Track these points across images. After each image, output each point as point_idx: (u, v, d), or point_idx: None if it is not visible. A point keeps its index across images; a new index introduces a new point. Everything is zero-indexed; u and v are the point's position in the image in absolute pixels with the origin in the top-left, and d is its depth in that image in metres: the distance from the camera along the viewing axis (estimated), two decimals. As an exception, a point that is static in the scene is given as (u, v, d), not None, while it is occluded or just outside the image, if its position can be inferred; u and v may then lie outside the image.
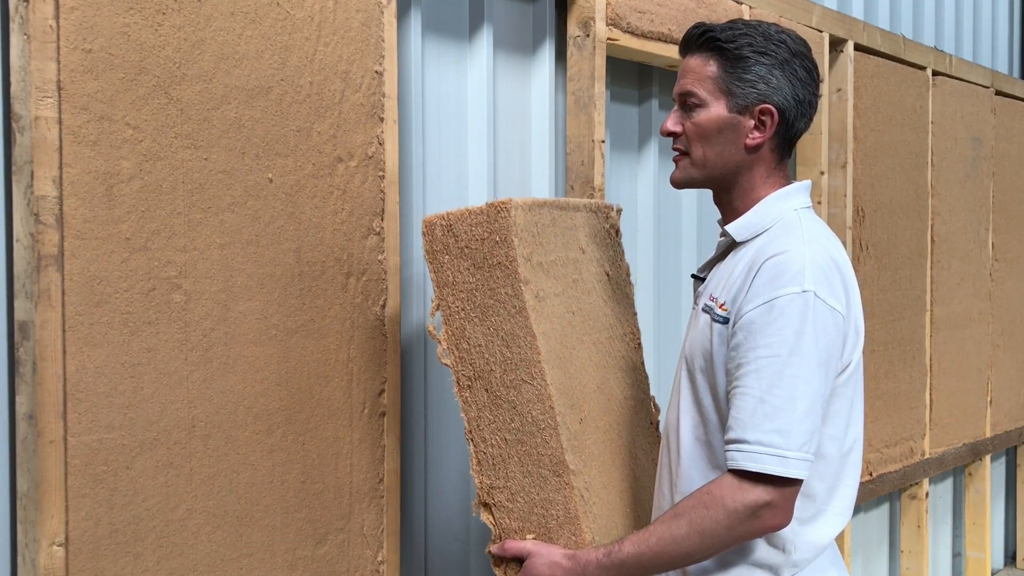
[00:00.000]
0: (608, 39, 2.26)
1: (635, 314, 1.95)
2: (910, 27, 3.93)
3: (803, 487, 1.53)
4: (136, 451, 1.49)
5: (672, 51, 2.44)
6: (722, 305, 1.53)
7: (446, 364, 1.58)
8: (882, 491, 3.23)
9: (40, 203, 1.38)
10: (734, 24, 1.58)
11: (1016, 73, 4.88)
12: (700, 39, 1.58)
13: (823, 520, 1.56)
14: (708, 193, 2.96)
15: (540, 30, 2.30)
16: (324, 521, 1.75)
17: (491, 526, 1.56)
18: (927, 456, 3.48)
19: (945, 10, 4.19)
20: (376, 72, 1.81)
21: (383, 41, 1.82)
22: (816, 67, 1.59)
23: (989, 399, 3.88)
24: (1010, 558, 4.62)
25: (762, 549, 1.54)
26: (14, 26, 1.38)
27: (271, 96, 1.65)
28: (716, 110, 1.56)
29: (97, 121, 1.43)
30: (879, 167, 3.20)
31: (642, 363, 1.94)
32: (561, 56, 2.31)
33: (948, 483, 4.09)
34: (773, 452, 1.42)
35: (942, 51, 3.59)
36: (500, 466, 1.55)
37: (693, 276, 1.71)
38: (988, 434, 3.88)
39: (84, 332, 1.43)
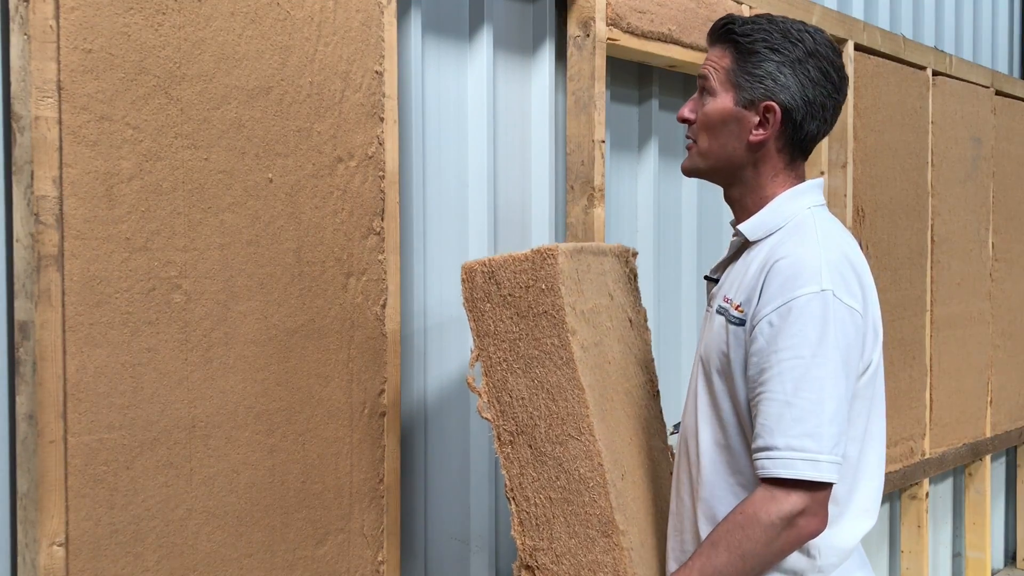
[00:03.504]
0: (608, 39, 2.26)
1: (653, 360, 1.90)
2: (910, 27, 3.93)
3: None
4: (136, 451, 1.49)
5: (672, 51, 2.44)
6: (737, 307, 1.51)
7: (486, 418, 1.52)
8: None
9: (40, 203, 1.38)
10: (758, 18, 1.57)
11: (1016, 73, 4.88)
12: (721, 30, 1.57)
13: (845, 522, 1.53)
14: (708, 193, 2.97)
15: (540, 30, 2.30)
16: (324, 521, 1.75)
17: None
18: (927, 456, 3.48)
19: (945, 10, 4.19)
20: (376, 72, 1.81)
21: (383, 41, 1.82)
22: (838, 70, 1.55)
23: (989, 399, 3.88)
24: (1010, 558, 4.61)
25: (787, 556, 1.52)
26: (14, 26, 1.38)
27: (271, 96, 1.65)
28: (723, 102, 1.56)
29: (97, 121, 1.43)
30: (879, 167, 3.20)
31: (660, 412, 1.89)
32: (561, 56, 2.31)
33: (948, 483, 4.09)
34: (805, 456, 1.39)
35: (942, 51, 3.59)
36: (544, 527, 1.48)
37: (706, 278, 1.69)
38: (988, 434, 3.88)
39: (84, 332, 1.43)
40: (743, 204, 1.60)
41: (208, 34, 1.56)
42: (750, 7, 2.68)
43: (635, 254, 1.93)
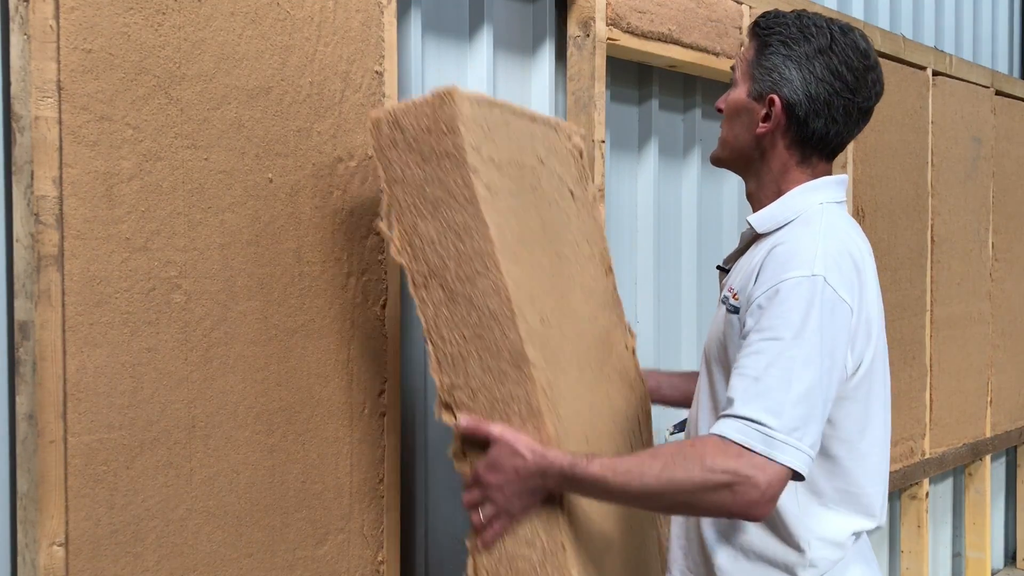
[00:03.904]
0: (608, 39, 2.26)
1: (605, 239, 1.91)
2: (910, 27, 3.93)
3: (808, 482, 1.49)
4: (136, 451, 1.49)
5: (672, 51, 2.44)
6: (735, 295, 1.52)
7: (400, 263, 1.53)
8: (882, 491, 3.23)
9: (40, 203, 1.38)
10: (783, 13, 1.58)
11: (1016, 73, 4.88)
12: (752, 24, 1.60)
13: (833, 516, 1.52)
14: (708, 194, 2.97)
15: (540, 30, 2.30)
16: (324, 521, 1.75)
17: (453, 428, 1.51)
18: (927, 456, 3.48)
19: (945, 10, 4.19)
20: (376, 72, 1.81)
21: (383, 41, 1.82)
22: (854, 70, 1.53)
23: (989, 399, 3.88)
24: (1010, 558, 4.61)
25: (775, 547, 1.52)
26: (14, 26, 1.38)
27: (271, 96, 1.65)
28: (739, 92, 1.59)
29: (97, 121, 1.43)
30: (879, 167, 3.20)
31: (614, 288, 1.90)
32: (561, 56, 2.31)
33: (948, 483, 4.09)
34: (760, 430, 1.35)
35: (942, 51, 3.59)
36: (460, 364, 1.49)
37: (718, 268, 1.70)
38: (988, 434, 3.88)
39: (84, 332, 1.43)
40: (757, 197, 1.61)
41: (208, 34, 1.56)
42: (750, 7, 2.68)
43: (583, 135, 1.93)
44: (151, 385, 1.50)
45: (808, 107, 1.52)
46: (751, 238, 1.60)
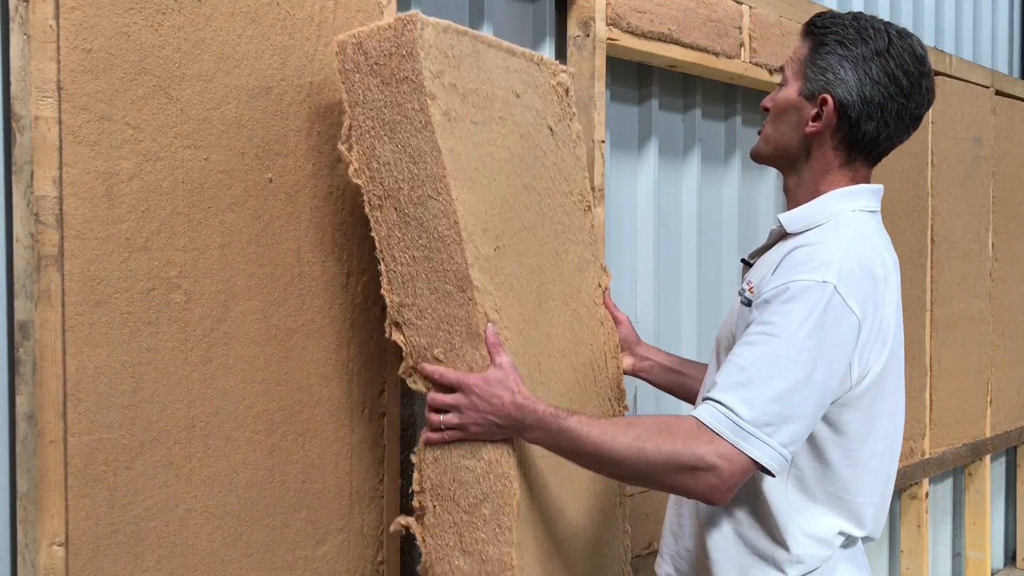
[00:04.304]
0: (608, 39, 2.26)
1: (587, 179, 1.93)
2: (910, 27, 3.93)
3: (797, 476, 1.51)
4: (136, 451, 1.49)
5: (672, 51, 2.44)
6: (751, 288, 1.53)
7: (358, 183, 1.56)
8: (882, 491, 3.23)
9: (40, 203, 1.38)
10: (840, 14, 1.58)
11: (1016, 73, 4.88)
12: (808, 23, 1.59)
13: (818, 514, 1.53)
14: (708, 194, 2.97)
15: (540, 30, 2.30)
16: (324, 521, 1.75)
17: (402, 345, 1.54)
18: (927, 456, 3.48)
19: (945, 10, 4.19)
20: (376, 72, 1.81)
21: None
22: (909, 74, 1.53)
23: (989, 399, 3.88)
24: (1010, 558, 4.62)
25: (764, 541, 1.53)
26: (14, 26, 1.38)
27: (271, 96, 1.65)
28: (790, 91, 1.58)
29: (97, 121, 1.43)
30: (879, 167, 3.19)
31: (592, 226, 1.92)
32: (561, 56, 2.31)
33: (948, 483, 4.09)
34: (731, 418, 1.37)
35: (942, 51, 3.60)
36: (409, 284, 1.53)
37: (743, 261, 1.71)
38: (988, 434, 3.88)
39: (84, 332, 1.43)
40: (795, 195, 1.61)
41: (208, 34, 1.56)
42: (750, 7, 2.68)
43: (572, 73, 1.95)
44: (151, 385, 1.50)
45: (861, 109, 1.52)
46: (779, 236, 1.60)
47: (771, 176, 3.08)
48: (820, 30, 1.56)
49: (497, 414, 1.48)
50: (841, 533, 1.55)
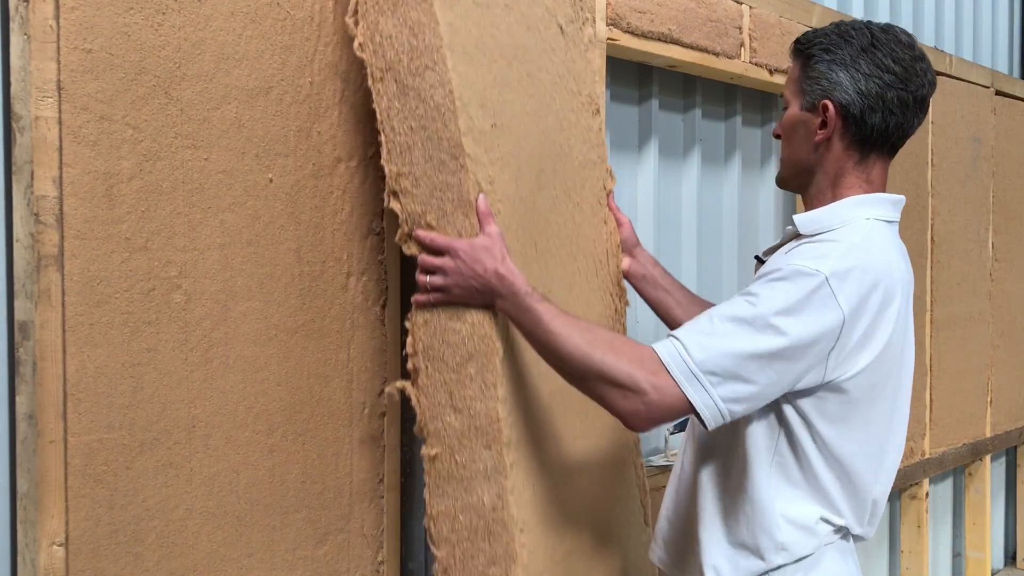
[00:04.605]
0: (608, 39, 2.26)
1: (598, 84, 1.97)
2: (910, 27, 3.93)
3: (779, 463, 1.55)
4: (136, 451, 1.49)
5: (672, 51, 2.44)
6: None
7: (363, 57, 1.60)
8: (882, 491, 3.23)
9: (40, 203, 1.38)
10: (823, 27, 1.62)
11: (1016, 73, 4.88)
12: (792, 45, 1.65)
13: (798, 501, 1.56)
14: (708, 194, 2.97)
15: (540, 30, 2.30)
16: (324, 521, 1.75)
17: (398, 212, 1.59)
18: (927, 456, 3.48)
19: (945, 10, 4.19)
20: (376, 72, 1.81)
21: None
22: (900, 61, 1.56)
23: (989, 399, 3.88)
24: (1010, 558, 4.62)
25: (748, 529, 1.57)
26: (14, 26, 1.38)
27: (271, 96, 1.65)
28: (793, 109, 1.62)
29: (97, 121, 1.43)
30: (879, 167, 3.19)
31: (600, 129, 1.97)
32: (561, 56, 2.31)
33: (948, 483, 4.09)
34: (683, 355, 1.43)
35: (942, 51, 3.60)
36: (406, 153, 1.57)
37: (756, 257, 1.74)
38: (988, 434, 3.88)
39: (84, 332, 1.43)
40: (812, 202, 1.64)
41: (208, 34, 1.56)
42: (750, 7, 2.68)
43: None
44: (151, 385, 1.50)
45: (862, 104, 1.55)
46: (792, 236, 1.63)
47: (771, 176, 3.08)
48: (805, 46, 1.61)
49: (478, 279, 1.52)
50: (824, 520, 1.58)
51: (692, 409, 1.43)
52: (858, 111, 1.55)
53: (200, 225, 1.56)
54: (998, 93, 3.94)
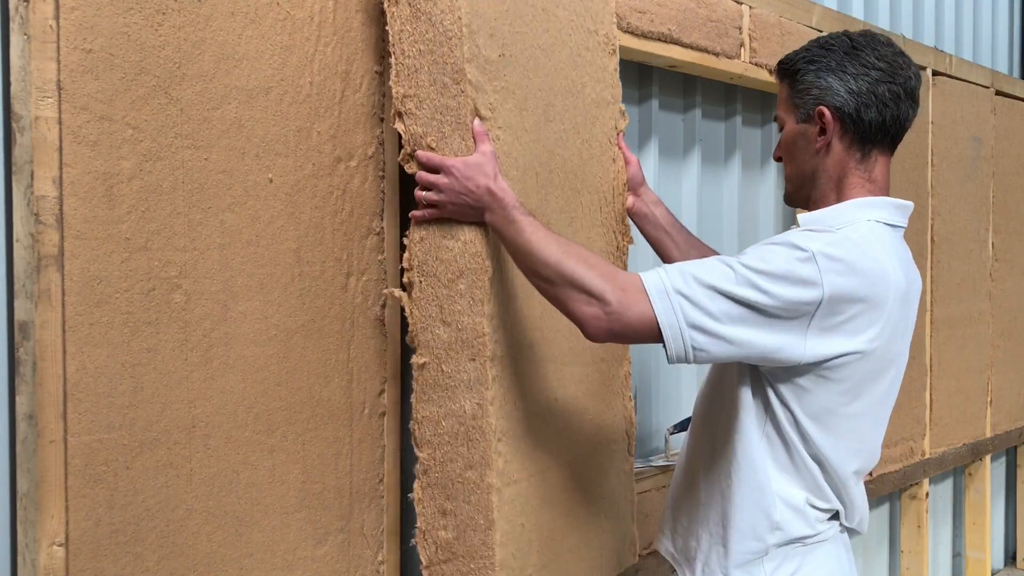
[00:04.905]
0: (608, 39, 2.25)
1: (615, 24, 2.04)
2: (910, 27, 3.93)
3: (769, 446, 1.59)
4: (136, 451, 1.49)
5: (672, 51, 2.44)
6: None
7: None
8: (882, 491, 3.23)
9: (40, 203, 1.38)
10: (806, 44, 1.66)
11: (1016, 73, 4.88)
12: (776, 67, 1.70)
13: (788, 482, 1.61)
14: (708, 194, 2.97)
15: (540, 30, 2.30)
16: (324, 521, 1.75)
17: (402, 133, 1.63)
18: (927, 456, 3.48)
19: (945, 10, 4.19)
20: (376, 72, 1.81)
21: (383, 41, 1.82)
22: (883, 57, 1.60)
23: (989, 399, 3.88)
24: (1010, 558, 4.62)
25: (741, 513, 1.61)
26: (14, 26, 1.38)
27: (271, 96, 1.65)
28: (789, 125, 1.66)
29: (97, 121, 1.43)
30: (879, 167, 3.19)
31: (615, 69, 2.02)
32: (561, 56, 2.31)
33: (948, 483, 4.09)
34: (660, 275, 1.47)
35: (942, 51, 3.60)
36: (413, 76, 1.62)
37: None
38: (988, 434, 3.88)
39: (84, 332, 1.43)
40: (814, 198, 1.66)
41: (208, 34, 1.56)
42: (750, 7, 2.68)
43: None
44: (151, 385, 1.50)
45: (856, 102, 1.58)
46: None
47: (771, 176, 3.08)
48: (789, 64, 1.66)
49: (471, 195, 1.57)
50: (811, 505, 1.62)
51: (656, 329, 1.46)
52: (853, 110, 1.58)
53: (200, 225, 1.56)
54: (998, 93, 3.94)
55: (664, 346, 1.47)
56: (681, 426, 2.49)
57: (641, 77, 2.64)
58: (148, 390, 1.50)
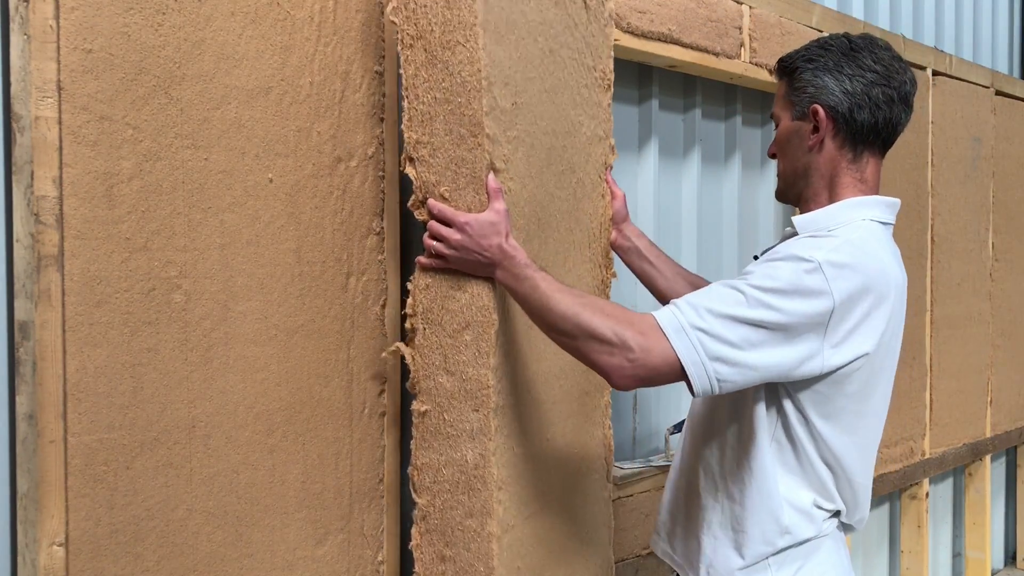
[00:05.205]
0: (608, 39, 2.26)
1: (612, 59, 2.04)
2: (910, 27, 3.93)
3: (777, 449, 1.60)
4: (136, 451, 1.49)
5: (672, 51, 2.44)
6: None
7: (394, 21, 1.63)
8: (882, 491, 3.23)
9: (40, 203, 1.38)
10: (806, 44, 1.68)
11: (1016, 73, 4.88)
12: (776, 65, 1.72)
13: (798, 487, 1.62)
14: (708, 194, 2.97)
15: (540, 30, 2.30)
16: (324, 521, 1.75)
17: (413, 179, 1.63)
18: (927, 456, 3.48)
19: (945, 10, 4.19)
20: (376, 72, 1.81)
21: (383, 41, 1.82)
22: (880, 60, 1.62)
23: (989, 399, 3.88)
24: (1010, 558, 4.62)
25: (749, 517, 1.62)
26: (14, 26, 1.38)
27: (271, 96, 1.65)
28: (784, 122, 1.68)
29: (97, 121, 1.43)
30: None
31: (608, 105, 2.03)
32: (561, 56, 2.31)
33: (948, 483, 4.09)
34: (674, 312, 1.47)
35: (942, 51, 3.60)
36: (428, 123, 1.62)
37: (755, 258, 1.78)
38: (988, 434, 3.88)
39: (84, 332, 1.43)
40: (808, 205, 1.68)
41: (208, 34, 1.56)
42: (750, 7, 2.68)
43: None
44: (151, 385, 1.50)
45: (850, 102, 1.60)
46: (789, 237, 1.66)
47: (771, 176, 3.08)
48: (788, 62, 1.68)
49: (482, 253, 1.58)
50: (817, 507, 1.63)
51: (680, 368, 1.45)
52: (846, 110, 1.60)
53: (200, 225, 1.56)
54: (998, 93, 3.94)
55: (688, 383, 1.47)
56: (680, 426, 2.49)
57: (641, 77, 2.64)
58: (148, 390, 1.50)
